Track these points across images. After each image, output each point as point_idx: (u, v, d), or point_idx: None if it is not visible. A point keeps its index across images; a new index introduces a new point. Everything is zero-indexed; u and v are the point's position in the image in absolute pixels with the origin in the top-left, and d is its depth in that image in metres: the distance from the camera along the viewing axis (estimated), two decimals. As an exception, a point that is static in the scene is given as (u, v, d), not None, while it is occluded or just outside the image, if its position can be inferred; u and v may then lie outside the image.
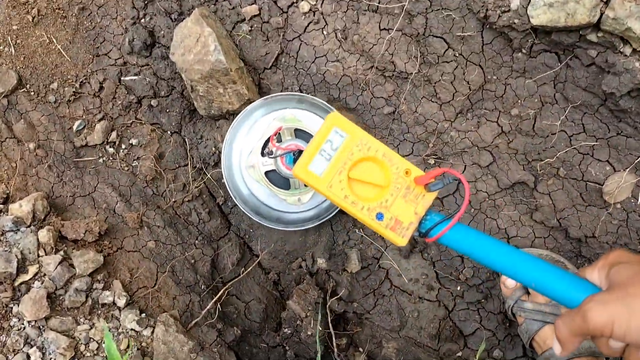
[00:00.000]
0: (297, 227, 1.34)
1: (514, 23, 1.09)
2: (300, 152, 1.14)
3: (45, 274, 1.15)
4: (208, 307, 1.25)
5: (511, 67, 1.19)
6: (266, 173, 1.31)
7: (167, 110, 1.41)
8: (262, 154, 1.28)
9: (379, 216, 0.83)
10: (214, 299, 1.28)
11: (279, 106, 1.34)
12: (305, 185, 1.37)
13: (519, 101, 1.21)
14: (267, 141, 1.29)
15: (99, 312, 1.18)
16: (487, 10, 1.11)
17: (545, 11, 1.03)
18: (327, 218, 1.33)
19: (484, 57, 1.19)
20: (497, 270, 0.80)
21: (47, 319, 1.12)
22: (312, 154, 0.84)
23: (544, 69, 1.16)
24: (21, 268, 1.15)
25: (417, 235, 0.85)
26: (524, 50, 1.15)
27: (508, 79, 1.20)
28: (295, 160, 1.12)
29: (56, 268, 1.15)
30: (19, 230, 1.18)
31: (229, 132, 1.33)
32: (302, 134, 1.31)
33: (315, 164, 0.83)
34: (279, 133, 1.29)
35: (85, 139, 1.38)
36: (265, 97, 1.33)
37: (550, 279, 0.73)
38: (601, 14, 1.01)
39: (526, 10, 1.06)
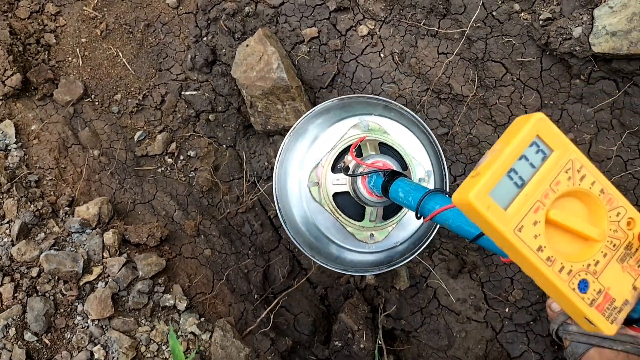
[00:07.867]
0: (358, 272, 1.08)
1: (575, 50, 1.12)
2: (393, 172, 0.84)
3: (109, 275, 1.17)
4: (262, 316, 1.27)
5: (568, 93, 1.22)
6: (334, 195, 1.02)
7: (224, 125, 1.46)
8: (334, 170, 1.01)
9: (583, 285, 0.56)
10: (268, 309, 1.29)
11: (360, 111, 1.08)
12: (383, 219, 1.03)
13: (575, 126, 1.24)
14: (341, 154, 1.02)
15: (160, 314, 1.20)
16: (548, 37, 1.15)
17: (608, 39, 1.08)
18: (398, 265, 1.08)
19: (541, 82, 1.23)
20: None
21: (110, 318, 1.14)
22: (497, 174, 0.54)
23: (602, 95, 1.19)
24: (86, 268, 1.17)
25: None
26: (582, 77, 1.19)
27: (565, 104, 1.23)
28: (386, 184, 0.82)
29: (120, 270, 1.18)
30: (84, 231, 1.21)
31: (287, 138, 1.08)
32: (386, 150, 1.04)
33: (499, 190, 0.54)
34: (359, 145, 1.01)
35: (146, 149, 1.42)
36: (341, 97, 1.05)
37: None
38: (663, 43, 1.05)
39: (588, 38, 1.10)
